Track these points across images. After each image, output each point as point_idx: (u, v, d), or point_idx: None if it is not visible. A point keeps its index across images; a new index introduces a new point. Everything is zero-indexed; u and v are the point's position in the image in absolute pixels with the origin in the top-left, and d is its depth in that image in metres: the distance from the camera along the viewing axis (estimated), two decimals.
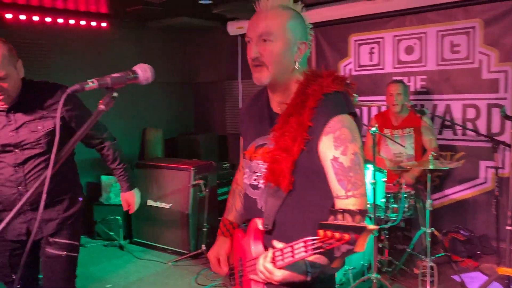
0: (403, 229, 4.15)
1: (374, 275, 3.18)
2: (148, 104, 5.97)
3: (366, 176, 3.29)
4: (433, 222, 3.59)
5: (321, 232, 1.11)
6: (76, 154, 5.46)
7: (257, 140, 1.59)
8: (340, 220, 1.10)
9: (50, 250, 2.24)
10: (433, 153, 3.35)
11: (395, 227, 4.09)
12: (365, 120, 4.86)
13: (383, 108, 4.38)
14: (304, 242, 1.19)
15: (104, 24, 5.27)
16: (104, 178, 5.13)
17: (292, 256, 1.23)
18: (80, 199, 2.38)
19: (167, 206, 4.50)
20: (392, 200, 3.54)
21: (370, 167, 3.24)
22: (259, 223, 1.51)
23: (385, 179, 3.37)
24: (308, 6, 4.84)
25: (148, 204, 4.64)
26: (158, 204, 4.58)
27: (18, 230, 2.21)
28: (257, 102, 1.67)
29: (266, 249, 1.50)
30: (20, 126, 2.11)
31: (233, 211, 1.83)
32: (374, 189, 3.11)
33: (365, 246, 1.10)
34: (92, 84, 1.18)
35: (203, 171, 4.45)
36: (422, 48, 4.39)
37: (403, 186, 3.53)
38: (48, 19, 4.77)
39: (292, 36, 1.44)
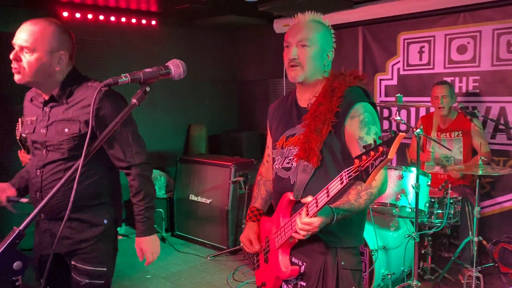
0: (449, 236, 3.98)
1: (414, 282, 3.07)
2: (195, 101, 6.08)
3: (409, 179, 3.18)
4: (482, 230, 3.42)
5: (356, 161, 1.34)
6: None
7: (287, 132, 1.84)
8: (373, 145, 1.30)
9: (73, 275, 1.99)
10: (482, 157, 3.18)
11: (441, 234, 3.93)
12: (412, 122, 4.70)
13: (431, 110, 4.20)
14: (340, 176, 1.42)
15: (153, 22, 5.42)
16: None
17: (317, 206, 1.50)
18: (105, 221, 2.01)
19: (208, 201, 4.57)
20: (436, 205, 3.40)
21: (414, 170, 3.12)
22: (290, 195, 1.74)
23: (429, 183, 3.24)
24: (356, 3, 4.75)
25: (190, 198, 4.73)
26: (199, 199, 4.66)
27: (40, 240, 2.02)
28: (285, 102, 1.94)
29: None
30: (51, 124, 1.91)
31: (259, 199, 2.05)
32: (417, 193, 2.99)
33: (378, 176, 1.43)
34: (125, 78, 1.21)
35: (243, 168, 4.48)
36: (476, 47, 4.17)
37: (449, 191, 3.37)
38: (101, 17, 4.97)
39: (323, 45, 1.75)
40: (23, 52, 1.81)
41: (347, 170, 1.39)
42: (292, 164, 1.76)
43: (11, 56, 1.83)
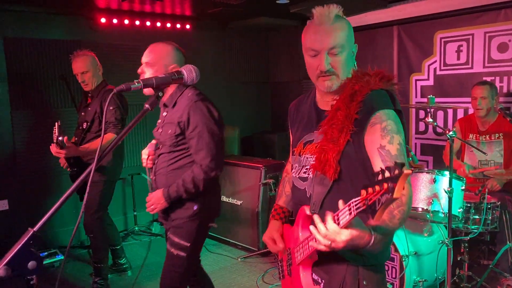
0: (489, 242, 3.80)
1: None
2: (228, 102, 6.13)
3: (442, 183, 3.07)
4: None
5: (363, 191, 1.20)
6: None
7: (305, 137, 1.71)
8: (380, 177, 1.17)
9: (167, 244, 2.47)
10: None
11: (480, 240, 3.76)
12: (450, 124, 4.53)
13: (470, 111, 4.04)
14: (348, 205, 1.27)
15: (188, 26, 5.51)
16: None
17: (350, 214, 1.27)
18: (195, 207, 2.39)
19: (239, 203, 4.60)
20: (473, 211, 3.26)
21: (447, 173, 3.01)
22: (306, 209, 1.62)
23: (463, 187, 3.11)
24: (390, 2, 4.64)
25: (221, 199, 4.77)
26: (230, 200, 4.70)
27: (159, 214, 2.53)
28: (305, 102, 1.82)
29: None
30: (163, 125, 2.41)
31: (283, 196, 1.95)
32: (450, 198, 2.88)
33: (405, 191, 1.22)
34: (137, 84, 1.24)
35: (274, 170, 4.47)
36: None
37: (487, 195, 3.23)
38: (137, 22, 5.11)
39: (351, 44, 1.60)
40: (147, 67, 2.35)
41: (355, 201, 1.24)
42: (309, 175, 1.64)
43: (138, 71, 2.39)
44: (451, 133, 2.85)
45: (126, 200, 5.34)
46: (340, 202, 1.32)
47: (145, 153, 2.49)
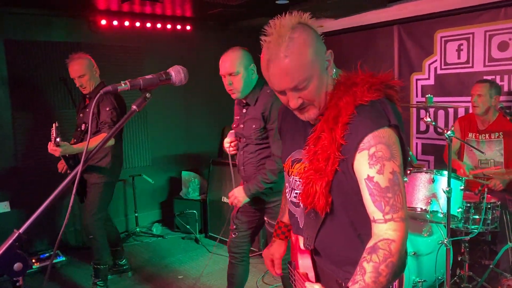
0: (490, 242, 3.77)
1: None
2: (230, 103, 6.11)
3: (441, 183, 3.05)
4: None
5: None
6: (160, 151, 5.78)
7: (293, 154, 1.55)
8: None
9: (266, 227, 2.88)
10: None
11: (481, 241, 3.74)
12: (450, 124, 4.51)
13: (471, 110, 4.01)
14: None
15: (188, 27, 5.53)
16: (185, 174, 5.39)
17: None
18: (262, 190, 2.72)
19: None
20: (473, 211, 3.24)
21: (446, 173, 2.99)
22: (301, 243, 1.51)
23: (463, 187, 3.09)
24: (390, 1, 4.63)
25: (222, 200, 4.78)
26: None
27: None
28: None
29: (313, 262, 1.52)
30: (245, 121, 2.73)
31: (287, 212, 1.79)
32: (448, 198, 2.86)
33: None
34: (124, 85, 1.24)
35: None
36: None
37: (486, 195, 3.21)
38: (137, 24, 5.12)
39: (321, 62, 1.34)
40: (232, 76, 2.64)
41: None
42: (299, 200, 1.47)
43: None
44: (449, 132, 2.83)
45: (127, 201, 5.36)
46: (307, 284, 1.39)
47: (227, 141, 2.84)
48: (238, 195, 2.74)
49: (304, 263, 1.53)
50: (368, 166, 1.25)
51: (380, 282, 1.21)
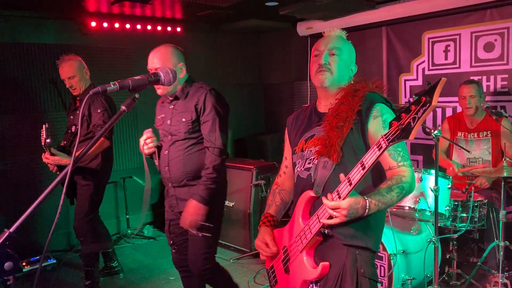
0: (478, 240, 3.83)
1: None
2: None
3: (429, 181, 3.10)
4: (509, 235, 3.28)
5: (394, 122, 1.35)
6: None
7: (305, 134, 1.86)
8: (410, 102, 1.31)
9: (189, 231, 2.59)
10: (507, 158, 3.06)
11: (469, 238, 3.80)
12: (438, 123, 4.57)
13: (458, 110, 4.08)
14: (376, 143, 1.43)
15: (178, 29, 5.54)
16: None
17: (350, 184, 1.51)
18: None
19: (230, 204, 4.61)
20: (460, 209, 3.29)
21: (433, 172, 3.04)
22: (310, 192, 1.74)
23: (450, 186, 3.14)
24: (379, 3, 4.68)
25: None
26: None
27: (170, 203, 2.72)
28: (304, 112, 1.99)
29: None
30: (174, 116, 2.61)
31: (273, 205, 2.04)
32: (436, 196, 2.91)
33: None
34: (113, 86, 1.26)
35: (265, 171, 4.49)
36: (504, 44, 4.01)
37: (473, 193, 3.26)
38: (127, 26, 5.12)
39: (349, 58, 1.85)
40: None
41: (385, 135, 1.39)
42: (313, 164, 1.78)
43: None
44: (436, 132, 2.87)
45: (119, 203, 5.35)
46: (342, 176, 1.55)
47: (143, 138, 2.63)
48: (195, 214, 2.48)
49: (306, 221, 1.73)
50: (383, 128, 1.67)
51: (391, 195, 1.60)
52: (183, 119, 2.56)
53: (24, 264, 4.14)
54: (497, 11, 4.04)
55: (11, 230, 1.12)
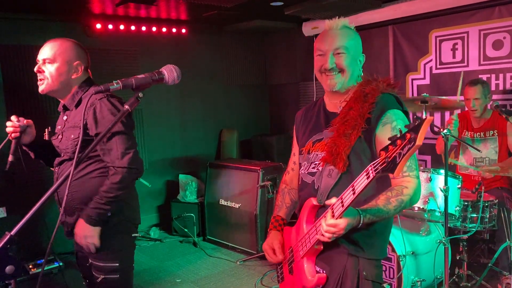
0: (488, 241, 3.77)
1: None
2: (226, 106, 6.13)
3: (438, 181, 3.05)
4: None
5: (383, 152, 1.29)
6: (157, 154, 5.74)
7: (313, 136, 1.80)
8: (400, 134, 1.25)
9: (93, 272, 2.15)
10: None
11: (479, 239, 3.74)
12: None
13: (466, 109, 4.01)
14: (365, 170, 1.37)
15: (183, 30, 5.52)
16: (182, 177, 5.37)
17: (342, 206, 1.45)
18: (108, 214, 2.03)
19: (237, 206, 4.58)
20: (470, 209, 3.23)
21: (443, 172, 2.99)
22: (313, 200, 1.69)
23: (460, 185, 3.09)
24: (384, 2, 4.63)
25: (220, 203, 4.77)
26: (228, 203, 4.68)
27: (65, 229, 2.20)
28: (312, 108, 1.91)
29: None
30: (64, 130, 2.14)
31: (284, 207, 2.00)
32: (446, 197, 2.86)
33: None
34: (116, 85, 1.23)
35: (271, 173, 4.46)
36: None
37: (483, 194, 3.20)
38: (132, 27, 5.11)
39: (356, 51, 1.74)
40: (45, 64, 2.05)
41: (373, 164, 1.34)
42: (318, 169, 1.72)
43: (35, 69, 2.07)
44: (445, 131, 2.83)
45: None
46: (333, 199, 1.50)
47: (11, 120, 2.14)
48: (82, 236, 2.01)
49: (309, 227, 1.68)
50: (391, 135, 1.51)
51: (388, 209, 1.54)
52: (72, 136, 2.07)
53: (30, 267, 4.13)
54: (505, 8, 3.98)
55: (12, 233, 1.09)
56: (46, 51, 2.08)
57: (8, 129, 2.09)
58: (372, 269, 1.66)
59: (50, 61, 2.06)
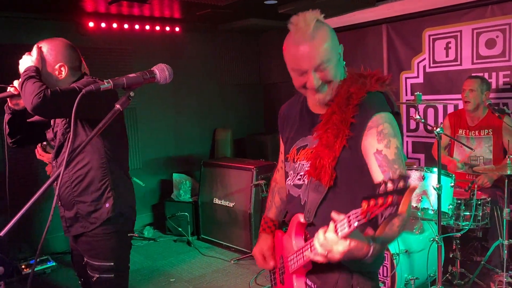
0: (481, 239, 3.79)
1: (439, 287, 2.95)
2: (220, 105, 6.12)
3: (431, 180, 3.06)
4: None
5: (364, 203, 1.14)
6: (151, 153, 5.70)
7: (297, 142, 1.64)
8: (382, 189, 1.12)
9: (88, 271, 2.14)
10: (511, 156, 3.02)
11: (472, 237, 3.75)
12: (440, 121, 4.53)
13: (460, 107, 4.04)
14: (348, 216, 1.21)
15: (177, 29, 5.50)
16: (176, 176, 5.36)
17: (349, 227, 1.21)
18: (107, 205, 2.08)
19: (231, 205, 4.58)
20: (463, 207, 3.25)
21: (436, 171, 3.00)
22: (300, 217, 1.56)
23: (453, 184, 3.10)
24: (378, 0, 4.64)
25: (214, 202, 4.76)
26: (222, 202, 4.67)
27: (64, 224, 2.23)
28: (295, 105, 1.74)
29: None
30: (57, 126, 2.21)
31: (273, 207, 1.89)
32: (439, 195, 2.87)
33: (408, 208, 1.14)
34: (107, 84, 1.22)
35: (265, 171, 4.45)
36: (506, 41, 3.96)
37: (476, 191, 3.22)
38: (126, 26, 5.09)
39: (336, 49, 1.49)
40: None
41: (355, 213, 1.19)
42: (303, 181, 1.58)
43: None
44: (438, 129, 2.84)
45: None
46: (334, 214, 1.28)
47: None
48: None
49: (299, 244, 1.57)
50: (377, 141, 1.41)
51: (393, 231, 1.34)
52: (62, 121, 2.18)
53: (23, 267, 4.10)
54: (498, 7, 4.00)
55: (1, 234, 1.08)
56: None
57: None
58: (365, 281, 1.53)
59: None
